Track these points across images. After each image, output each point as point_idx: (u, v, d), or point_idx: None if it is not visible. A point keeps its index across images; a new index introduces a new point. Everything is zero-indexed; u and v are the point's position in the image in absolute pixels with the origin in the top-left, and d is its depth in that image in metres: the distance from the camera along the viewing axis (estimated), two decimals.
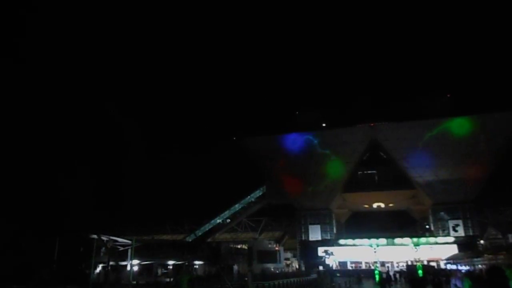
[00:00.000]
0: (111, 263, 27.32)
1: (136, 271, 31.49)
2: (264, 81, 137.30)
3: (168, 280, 32.46)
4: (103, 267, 28.61)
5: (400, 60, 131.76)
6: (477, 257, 35.32)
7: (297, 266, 55.74)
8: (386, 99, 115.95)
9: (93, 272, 25.04)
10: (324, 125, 58.80)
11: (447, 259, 44.99)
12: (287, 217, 66.30)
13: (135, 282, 27.81)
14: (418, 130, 52.18)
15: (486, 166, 50.35)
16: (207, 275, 32.52)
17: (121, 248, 28.81)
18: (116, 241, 26.69)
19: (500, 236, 54.18)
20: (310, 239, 55.67)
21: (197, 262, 40.55)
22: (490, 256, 31.39)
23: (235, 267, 31.62)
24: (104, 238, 25.25)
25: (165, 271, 36.39)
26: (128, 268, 29.39)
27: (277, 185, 59.83)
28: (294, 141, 56.84)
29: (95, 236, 25.99)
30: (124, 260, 29.30)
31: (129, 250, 28.23)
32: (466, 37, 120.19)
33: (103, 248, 27.71)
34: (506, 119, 49.10)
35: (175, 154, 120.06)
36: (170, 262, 36.33)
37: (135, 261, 30.41)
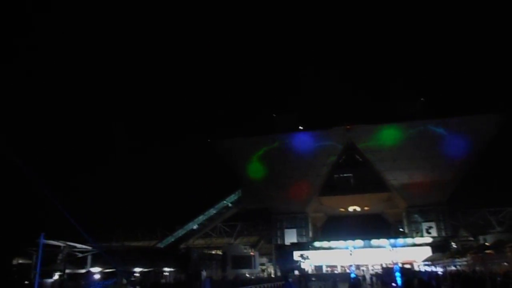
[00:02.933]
0: (67, 271, 25.10)
1: (98, 279, 29.38)
2: (240, 84, 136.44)
3: None
4: (59, 275, 26.35)
5: (375, 63, 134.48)
6: (459, 258, 35.09)
7: (273, 271, 54.43)
8: (362, 102, 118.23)
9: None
10: (301, 127, 58.32)
11: (424, 261, 45.02)
12: (263, 222, 64.95)
13: None
14: (393, 132, 52.53)
15: (459, 168, 51.19)
16: (175, 283, 30.73)
17: (80, 255, 26.65)
18: (74, 247, 24.58)
19: (471, 238, 54.98)
20: (286, 243, 54.63)
21: (167, 269, 38.65)
22: (472, 256, 31.16)
23: (203, 273, 30.06)
24: (60, 244, 23.13)
25: (132, 278, 34.27)
26: None
27: (253, 189, 58.59)
28: (270, 143, 55.90)
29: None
30: (83, 268, 27.07)
31: (89, 257, 26.04)
32: (443, 40, 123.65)
33: (60, 255, 25.51)
34: (478, 122, 50.18)
35: (147, 157, 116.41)
36: (137, 270, 34.25)
37: (97, 269, 28.33)
